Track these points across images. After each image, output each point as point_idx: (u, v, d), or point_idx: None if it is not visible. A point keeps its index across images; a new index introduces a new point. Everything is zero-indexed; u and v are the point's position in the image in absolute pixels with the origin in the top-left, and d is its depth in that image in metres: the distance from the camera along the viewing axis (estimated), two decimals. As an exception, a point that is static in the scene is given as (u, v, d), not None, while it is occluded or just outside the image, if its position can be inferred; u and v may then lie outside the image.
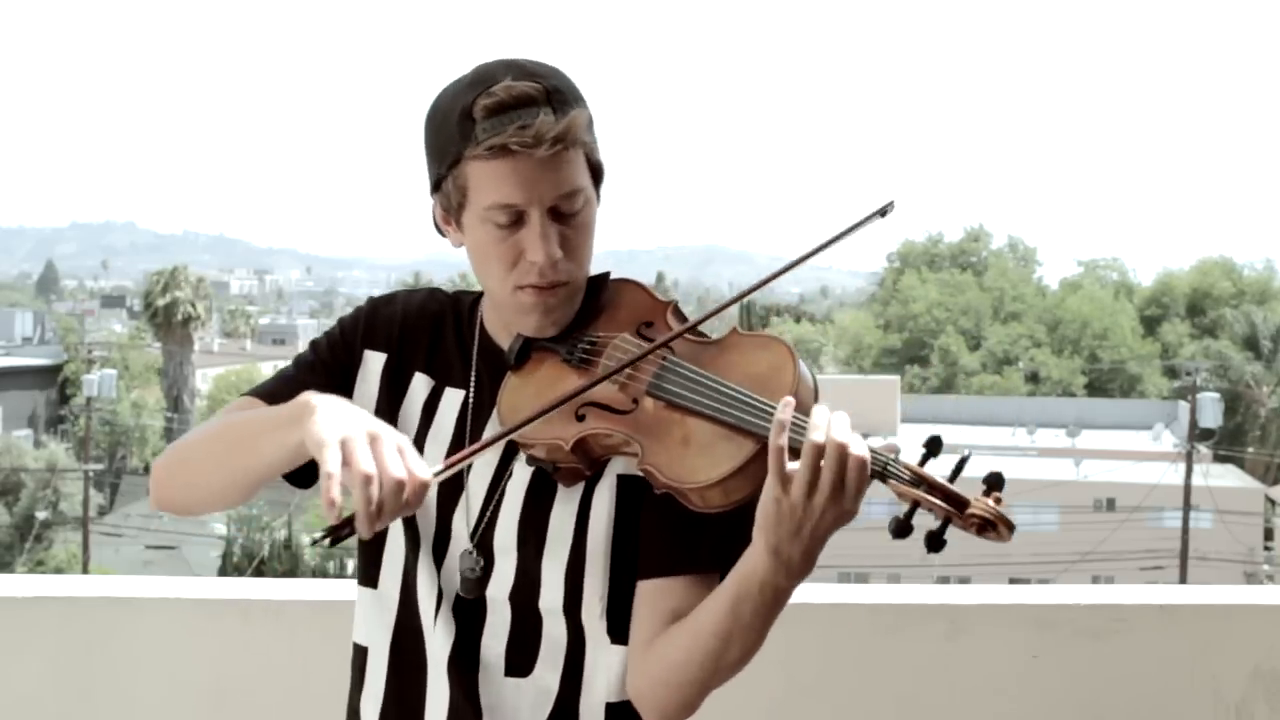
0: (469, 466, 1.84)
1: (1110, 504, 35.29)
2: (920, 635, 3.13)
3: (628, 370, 1.78)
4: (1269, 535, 36.20)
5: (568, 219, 1.80)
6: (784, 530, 1.63)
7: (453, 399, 1.91)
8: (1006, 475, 1.66)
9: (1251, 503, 35.53)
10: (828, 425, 1.61)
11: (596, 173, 1.84)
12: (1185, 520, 28.29)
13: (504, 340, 1.89)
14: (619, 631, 1.85)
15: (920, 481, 1.63)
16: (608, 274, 1.93)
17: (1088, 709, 3.13)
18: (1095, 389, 55.13)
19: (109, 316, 77.53)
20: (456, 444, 1.88)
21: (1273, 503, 36.71)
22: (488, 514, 1.86)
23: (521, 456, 1.86)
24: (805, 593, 3.20)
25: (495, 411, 1.86)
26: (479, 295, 1.96)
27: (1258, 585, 22.14)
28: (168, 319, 46.46)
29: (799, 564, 1.65)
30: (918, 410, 43.53)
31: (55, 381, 49.02)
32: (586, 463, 1.81)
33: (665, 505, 1.79)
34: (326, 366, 1.93)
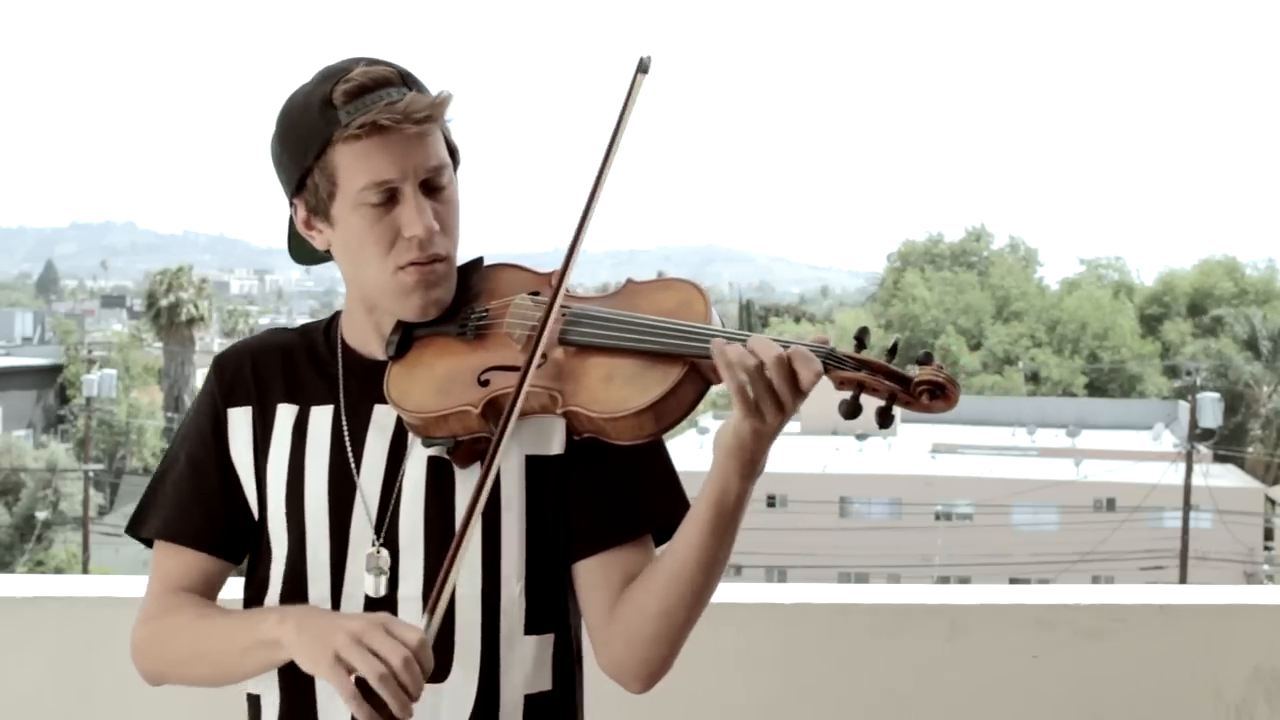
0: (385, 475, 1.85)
1: (1110, 504, 35.29)
2: (920, 635, 3.13)
3: (530, 326, 1.79)
4: (1269, 535, 36.20)
5: (438, 194, 1.83)
6: (763, 446, 1.69)
7: (321, 416, 1.90)
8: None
9: (1251, 503, 35.53)
10: (752, 345, 1.66)
11: (454, 154, 1.87)
12: (1185, 520, 28.28)
13: (373, 348, 1.89)
14: (535, 619, 1.85)
15: (862, 365, 1.67)
16: (481, 259, 1.94)
17: (1088, 709, 3.13)
18: (1095, 389, 55.13)
19: (109, 316, 77.49)
20: (336, 455, 1.87)
21: (1273, 503, 36.71)
22: (388, 511, 1.84)
23: (414, 446, 1.85)
24: (805, 593, 3.22)
25: (387, 401, 1.84)
26: (331, 318, 1.97)
27: (1258, 585, 22.14)
28: (170, 319, 46.40)
29: (764, 462, 1.72)
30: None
31: (55, 381, 48.99)
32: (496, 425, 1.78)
33: (584, 481, 1.83)
34: (199, 469, 1.92)
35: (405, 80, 1.81)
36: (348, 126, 1.77)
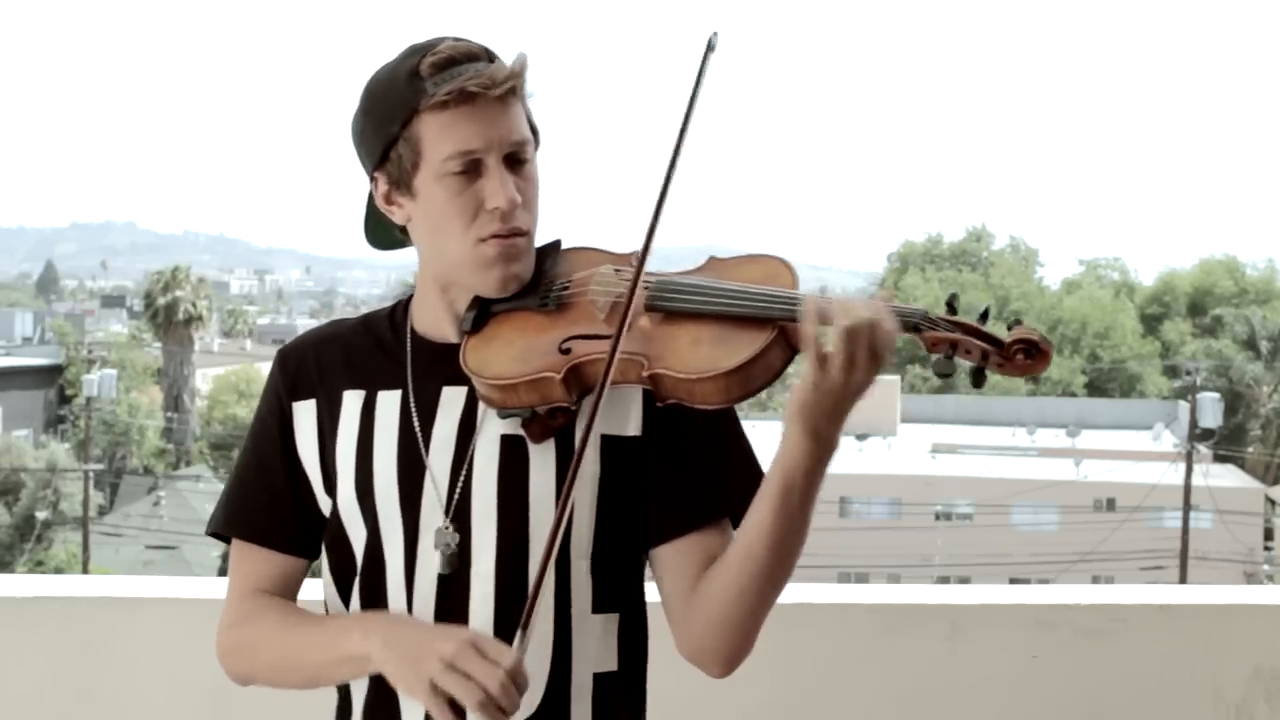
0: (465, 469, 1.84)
1: (1110, 504, 35.29)
2: (920, 635, 3.14)
3: (616, 295, 1.79)
4: (1269, 535, 36.20)
5: (520, 169, 1.84)
6: (823, 410, 1.67)
7: (389, 399, 1.89)
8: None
9: (1251, 503, 35.53)
10: (849, 304, 1.67)
11: (535, 134, 1.88)
12: (1185, 520, 28.28)
13: (444, 330, 1.89)
14: (601, 598, 1.86)
15: (957, 326, 1.69)
16: (559, 241, 1.94)
17: (1088, 709, 3.13)
18: (1095, 389, 55.12)
19: (109, 316, 77.42)
20: (405, 438, 1.87)
21: (1273, 503, 36.72)
22: (459, 487, 1.84)
23: (485, 425, 1.84)
24: (805, 593, 3.21)
25: (463, 373, 1.83)
26: (394, 305, 1.98)
27: (1258, 585, 22.15)
28: (169, 319, 46.45)
29: (835, 439, 1.70)
30: (918, 410, 43.48)
31: (55, 381, 48.96)
32: (578, 395, 1.78)
33: (663, 466, 1.83)
34: (267, 466, 1.93)
35: (489, 55, 1.84)
36: (434, 95, 1.79)
